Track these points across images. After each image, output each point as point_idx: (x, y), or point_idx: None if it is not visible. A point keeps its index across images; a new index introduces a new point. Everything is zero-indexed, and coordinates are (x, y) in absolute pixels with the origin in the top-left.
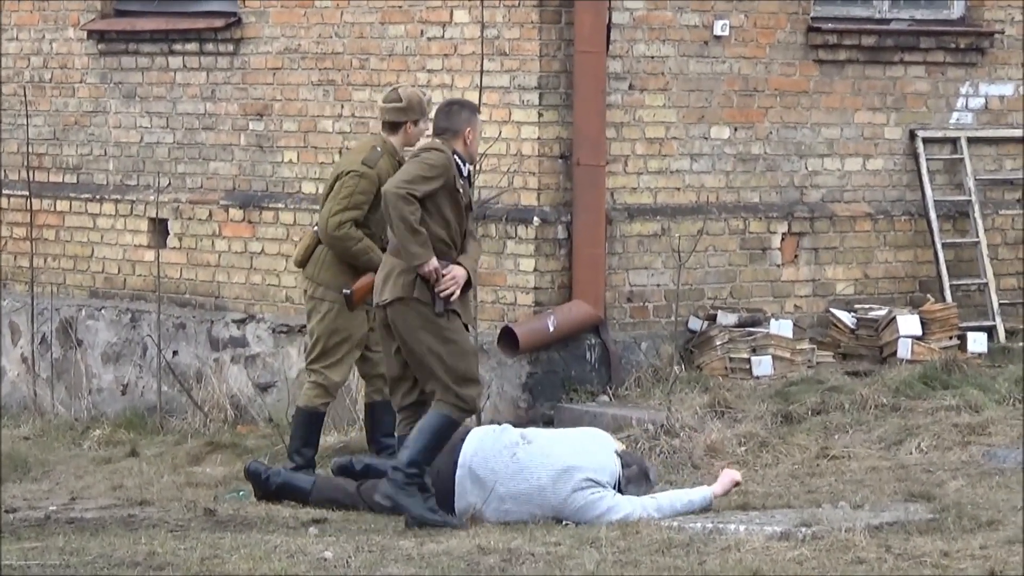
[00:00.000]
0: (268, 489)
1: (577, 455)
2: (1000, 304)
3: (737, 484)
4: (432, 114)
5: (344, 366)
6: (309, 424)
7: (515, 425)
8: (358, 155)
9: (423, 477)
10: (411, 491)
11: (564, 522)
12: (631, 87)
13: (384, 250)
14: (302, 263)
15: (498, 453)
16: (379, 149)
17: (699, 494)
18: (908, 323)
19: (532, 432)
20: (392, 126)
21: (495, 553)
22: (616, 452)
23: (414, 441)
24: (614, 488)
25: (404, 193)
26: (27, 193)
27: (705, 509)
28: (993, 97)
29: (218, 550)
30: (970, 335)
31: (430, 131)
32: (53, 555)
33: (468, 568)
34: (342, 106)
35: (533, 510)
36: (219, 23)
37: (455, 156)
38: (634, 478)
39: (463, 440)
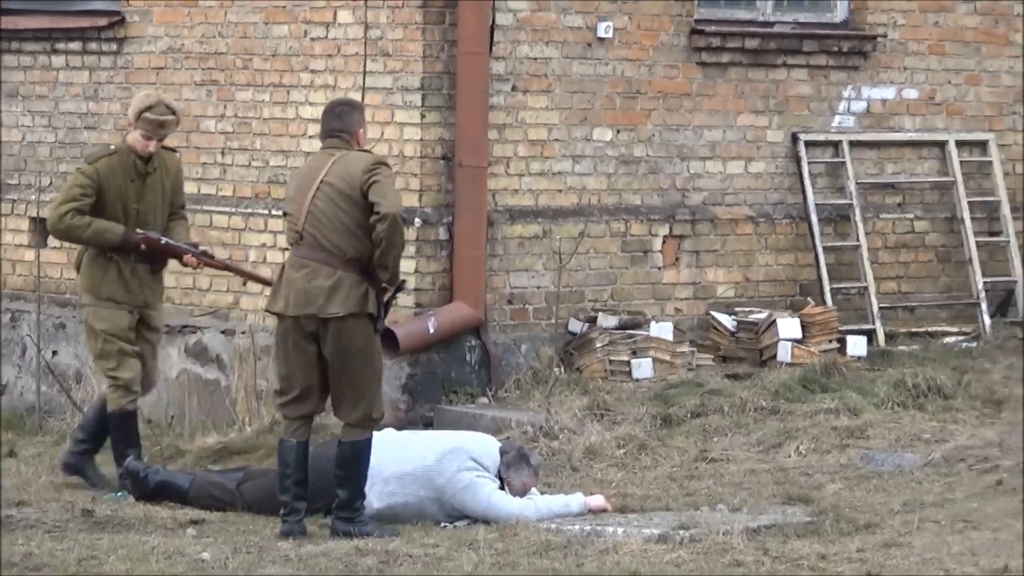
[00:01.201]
0: (146, 488)
1: (461, 438)
2: (880, 308)
3: (606, 508)
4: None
5: (129, 360)
6: (123, 427)
7: (395, 428)
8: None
9: (363, 504)
10: (360, 520)
11: (442, 524)
12: (514, 88)
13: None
14: (77, 268)
15: (386, 444)
16: (112, 147)
17: (575, 501)
18: (788, 326)
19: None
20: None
21: (373, 555)
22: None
23: (348, 479)
24: (495, 475)
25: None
26: None
27: (579, 515)
28: (875, 101)
29: (96, 551)
30: (850, 338)
31: None
32: None
33: (346, 569)
34: (225, 106)
35: (418, 491)
36: (102, 22)
37: None
38: (513, 462)
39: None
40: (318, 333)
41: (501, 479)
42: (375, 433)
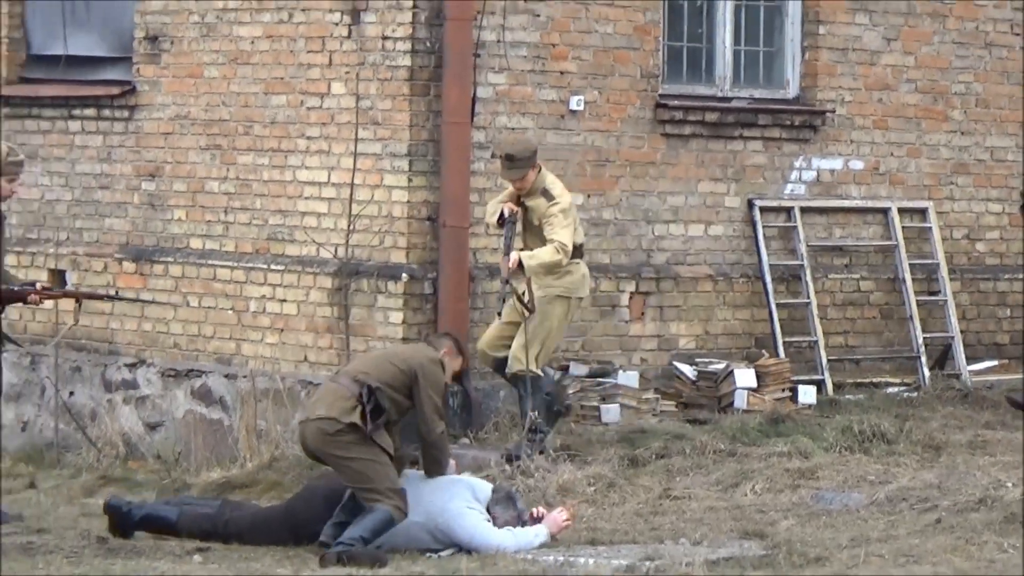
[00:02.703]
0: (129, 522)
1: (438, 492)
2: (828, 360)
3: (566, 525)
4: None
5: None
6: None
7: None
8: None
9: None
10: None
11: (427, 554)
12: (493, 156)
13: None
14: None
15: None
16: None
17: (542, 531)
18: (744, 376)
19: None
20: None
21: None
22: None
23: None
24: (483, 506)
25: None
26: None
27: (544, 545)
28: (824, 170)
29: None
30: (801, 388)
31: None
32: None
33: None
34: (228, 169)
35: (413, 516)
36: (115, 91)
37: None
38: (501, 500)
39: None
40: None
41: (489, 513)
42: None
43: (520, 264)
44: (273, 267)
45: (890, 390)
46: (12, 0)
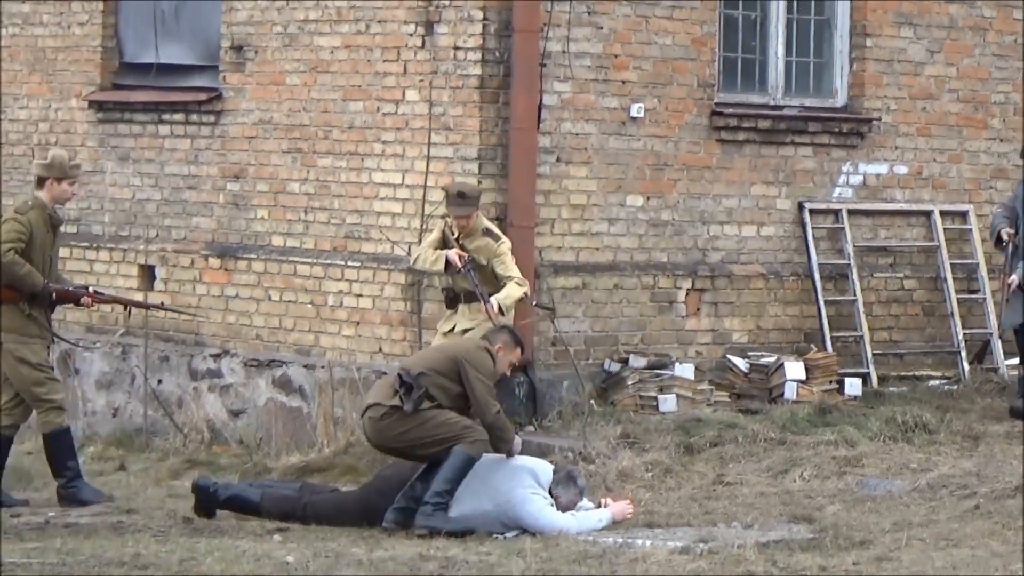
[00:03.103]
0: (215, 501)
1: (526, 460)
2: (873, 354)
3: (630, 514)
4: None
5: (57, 384)
6: (62, 442)
7: None
8: (15, 206)
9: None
10: (440, 509)
11: (494, 535)
12: (558, 160)
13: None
14: None
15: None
16: (30, 202)
17: (605, 515)
18: (794, 369)
19: None
20: (39, 181)
21: (434, 560)
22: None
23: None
24: (546, 489)
25: None
26: None
27: (608, 527)
28: (871, 175)
29: (194, 553)
30: (847, 380)
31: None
32: (51, 555)
33: (410, 571)
34: (308, 171)
35: (483, 504)
36: (203, 97)
37: None
38: (562, 481)
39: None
40: None
41: (552, 495)
42: None
43: (500, 309)
44: (350, 264)
45: (931, 383)
46: (106, 11)
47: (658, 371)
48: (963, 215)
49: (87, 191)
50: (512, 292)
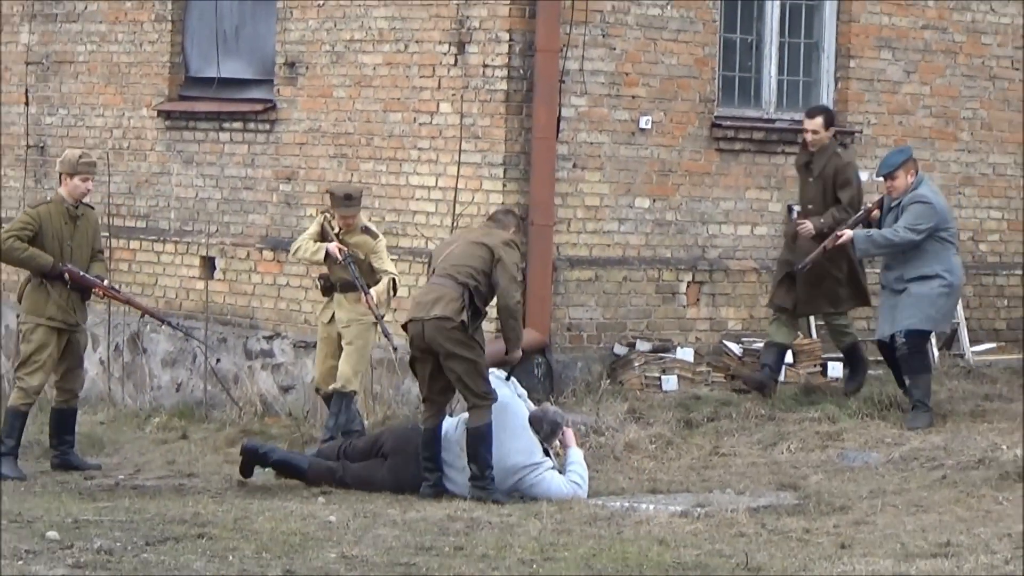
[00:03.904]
0: (264, 462)
1: (512, 452)
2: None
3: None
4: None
5: (41, 373)
6: (16, 422)
7: None
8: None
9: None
10: (491, 487)
11: (513, 494)
12: (574, 166)
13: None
14: (19, 298)
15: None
16: (49, 198)
17: (576, 453)
18: None
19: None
20: (60, 178)
21: (461, 520)
22: (529, 420)
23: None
24: (542, 450)
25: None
26: (108, 235)
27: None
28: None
29: (248, 512)
30: (830, 364)
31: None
32: (120, 513)
33: (439, 530)
34: (352, 174)
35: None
36: (259, 107)
37: None
38: (548, 435)
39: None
40: None
41: (547, 447)
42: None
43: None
44: (389, 257)
45: None
46: (174, 31)
47: (661, 354)
48: None
49: (154, 191)
50: (383, 287)
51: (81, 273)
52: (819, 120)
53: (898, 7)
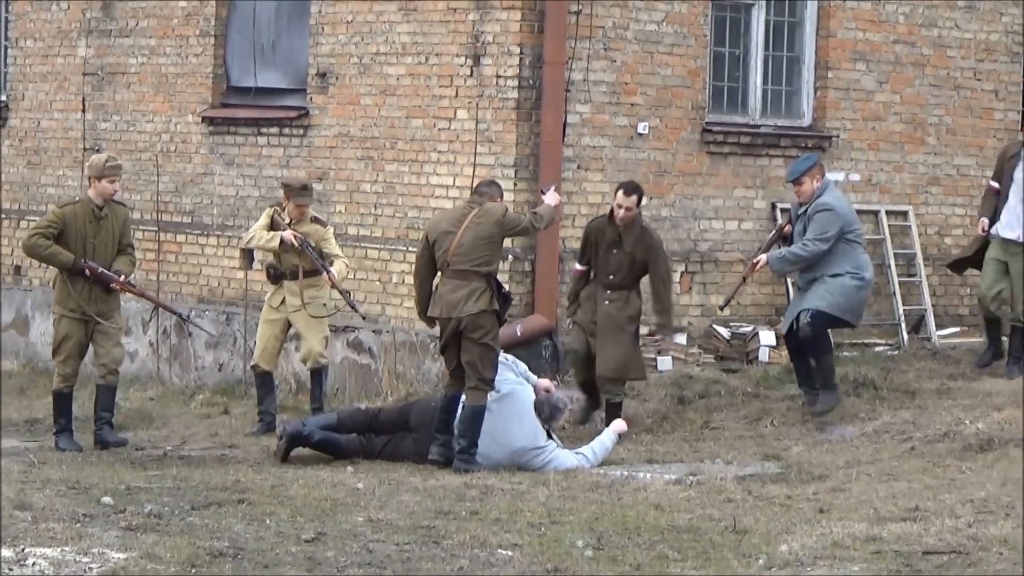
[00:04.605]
0: (307, 442)
1: (518, 438)
2: None
3: (623, 433)
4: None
5: (73, 360)
6: (59, 403)
7: None
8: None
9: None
10: (473, 461)
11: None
12: (579, 167)
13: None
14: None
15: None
16: (78, 198)
17: (608, 437)
18: (767, 336)
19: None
20: (89, 180)
21: (476, 488)
22: (534, 406)
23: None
24: (546, 433)
25: None
26: (156, 229)
27: (615, 443)
28: (830, 182)
29: (283, 480)
30: None
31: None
32: (168, 480)
33: (456, 497)
34: (377, 175)
35: (497, 455)
36: (293, 114)
37: None
38: (550, 419)
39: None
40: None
41: (551, 434)
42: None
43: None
44: (411, 249)
45: (877, 349)
46: (216, 45)
47: (657, 337)
48: (904, 214)
49: (199, 189)
50: (341, 266)
51: (100, 269)
52: (634, 198)
53: (872, 23)
